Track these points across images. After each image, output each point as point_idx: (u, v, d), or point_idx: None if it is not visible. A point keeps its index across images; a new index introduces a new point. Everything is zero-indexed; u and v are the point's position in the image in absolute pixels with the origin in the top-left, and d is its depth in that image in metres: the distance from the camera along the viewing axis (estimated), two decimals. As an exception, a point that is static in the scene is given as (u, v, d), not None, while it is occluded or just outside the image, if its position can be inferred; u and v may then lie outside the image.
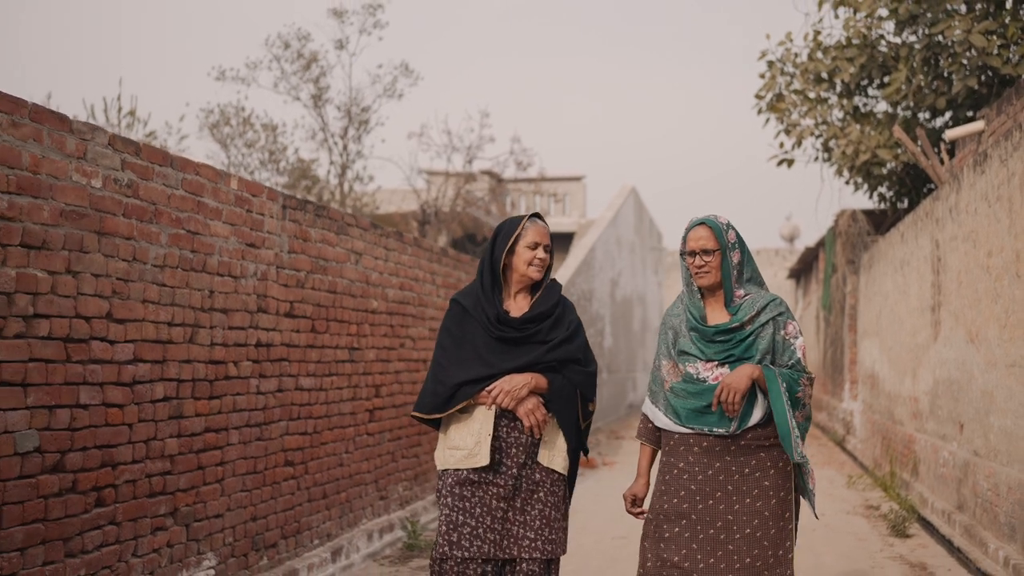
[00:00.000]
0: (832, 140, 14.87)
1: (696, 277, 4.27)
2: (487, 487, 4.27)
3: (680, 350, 4.29)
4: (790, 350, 4.23)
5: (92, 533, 4.69)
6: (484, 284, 4.41)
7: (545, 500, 4.32)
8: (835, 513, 9.73)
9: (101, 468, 4.75)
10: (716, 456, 4.17)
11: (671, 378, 4.30)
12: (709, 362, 4.21)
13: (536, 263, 4.39)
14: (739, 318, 4.22)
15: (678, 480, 4.20)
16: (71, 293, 4.54)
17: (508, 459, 4.29)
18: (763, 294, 4.31)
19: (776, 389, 4.06)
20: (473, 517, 4.25)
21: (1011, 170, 7.16)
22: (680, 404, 4.21)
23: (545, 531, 4.28)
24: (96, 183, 4.70)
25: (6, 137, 4.15)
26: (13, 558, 4.20)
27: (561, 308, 4.46)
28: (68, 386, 4.52)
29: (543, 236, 4.42)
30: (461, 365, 4.33)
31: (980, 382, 7.87)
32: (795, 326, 4.27)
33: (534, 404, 4.27)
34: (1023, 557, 6.55)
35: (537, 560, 4.26)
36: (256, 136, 17.89)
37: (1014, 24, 11.66)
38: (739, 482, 4.17)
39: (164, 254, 5.23)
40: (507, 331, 4.35)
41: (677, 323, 4.36)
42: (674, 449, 4.24)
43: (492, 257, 4.41)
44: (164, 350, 5.23)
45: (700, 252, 4.23)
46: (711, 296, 4.32)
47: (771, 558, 4.13)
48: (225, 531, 5.82)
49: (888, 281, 12.87)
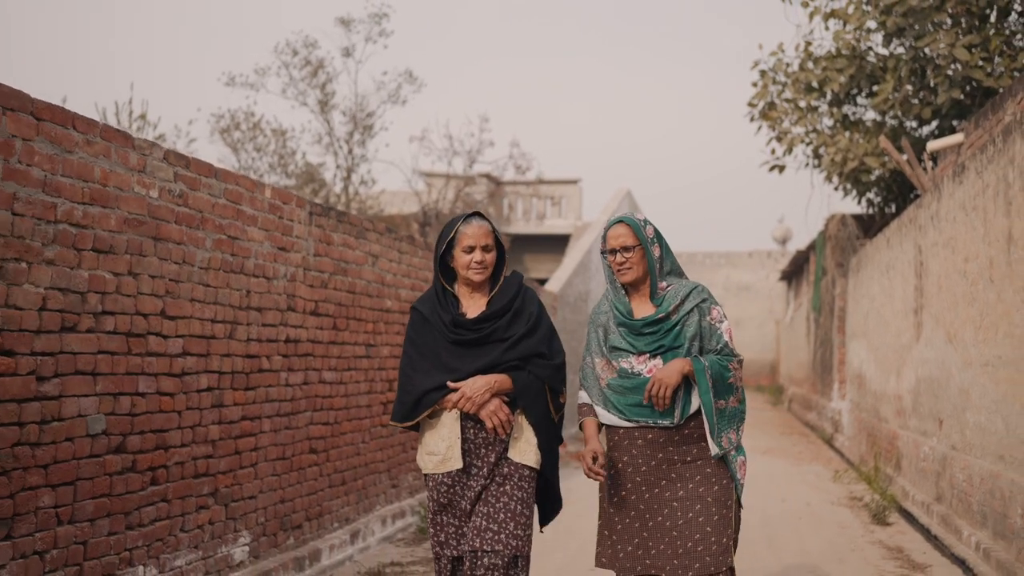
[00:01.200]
0: (822, 147, 15.39)
1: (619, 274, 4.35)
2: (463, 489, 4.31)
3: (611, 346, 4.35)
4: (717, 334, 4.31)
5: (147, 508, 5.20)
6: (436, 288, 4.44)
7: (511, 494, 4.30)
8: (820, 504, 10.27)
9: (155, 450, 5.26)
10: (659, 447, 4.25)
11: (606, 375, 4.35)
12: (641, 355, 4.28)
13: (474, 267, 4.34)
14: (664, 308, 4.30)
15: (623, 473, 4.29)
16: (132, 292, 5.04)
17: (478, 459, 4.32)
18: (685, 283, 4.39)
19: (704, 384, 4.17)
20: (455, 517, 4.34)
21: (986, 182, 7.68)
22: (619, 400, 4.28)
23: (509, 525, 4.25)
24: (153, 193, 5.21)
25: (81, 154, 4.66)
26: (85, 527, 4.71)
27: (520, 301, 4.42)
28: (129, 376, 5.03)
29: (479, 237, 4.33)
30: (425, 373, 4.33)
31: (958, 380, 8.39)
32: (719, 310, 4.36)
33: (496, 405, 4.25)
34: (993, 542, 7.07)
35: (500, 553, 4.22)
36: (266, 141, 18.42)
37: (996, 38, 12.20)
38: (682, 469, 4.24)
39: (208, 257, 5.74)
40: (463, 333, 4.34)
41: (605, 320, 4.42)
42: (618, 444, 4.33)
43: (435, 262, 4.42)
44: (208, 345, 5.74)
45: (620, 249, 4.31)
46: (635, 291, 4.40)
47: (713, 544, 4.15)
48: (258, 511, 6.32)
49: (875, 284, 13.38)
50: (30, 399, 4.36)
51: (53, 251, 4.48)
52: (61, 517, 4.56)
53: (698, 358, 4.21)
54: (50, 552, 4.49)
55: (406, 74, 18.49)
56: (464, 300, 4.44)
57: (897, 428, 11.10)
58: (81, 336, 4.68)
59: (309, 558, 6.77)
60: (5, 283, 4.20)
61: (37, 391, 4.40)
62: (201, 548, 5.68)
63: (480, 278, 4.36)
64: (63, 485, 4.57)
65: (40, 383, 4.42)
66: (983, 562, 7.02)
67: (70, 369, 4.60)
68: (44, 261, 4.43)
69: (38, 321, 4.40)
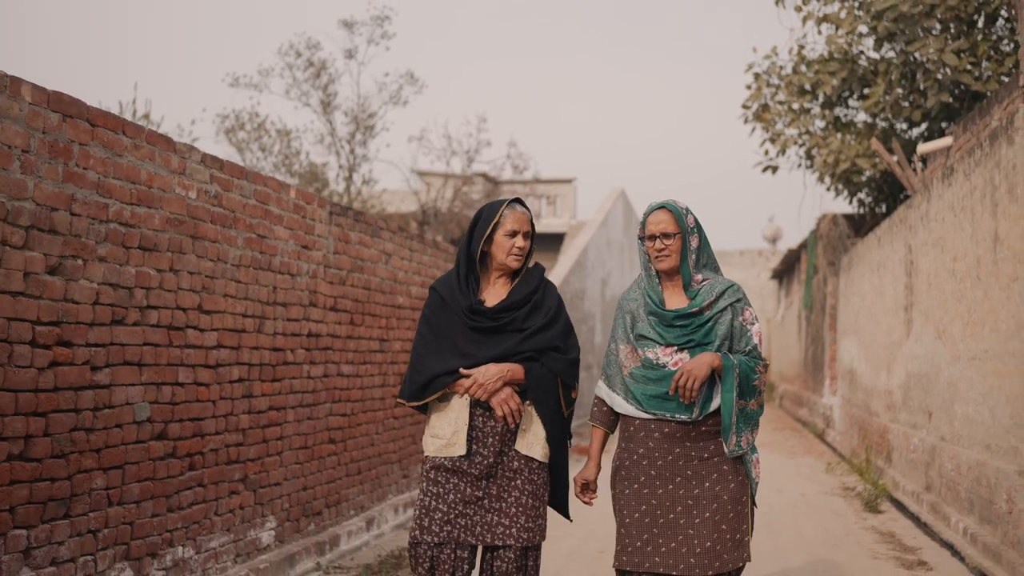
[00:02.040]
0: (814, 149, 15.74)
1: (655, 261, 4.25)
2: (462, 475, 4.27)
3: (638, 334, 4.25)
4: (747, 336, 4.23)
5: (186, 492, 5.51)
6: (460, 273, 4.37)
7: (522, 488, 4.28)
8: (815, 494, 10.63)
9: (193, 437, 5.57)
10: (676, 442, 4.18)
11: (630, 363, 4.26)
12: (668, 347, 4.18)
13: (515, 252, 4.32)
14: (698, 303, 4.20)
15: (638, 466, 4.21)
16: (173, 288, 5.36)
17: (484, 448, 4.28)
18: (721, 280, 4.30)
19: (729, 382, 4.09)
20: (445, 503, 4.26)
21: (973, 184, 8.03)
22: (640, 390, 4.20)
23: (521, 519, 4.24)
24: (192, 194, 5.53)
25: (130, 157, 4.98)
26: (132, 508, 5.03)
27: (541, 294, 4.40)
28: (170, 367, 5.35)
29: (523, 223, 4.35)
30: (437, 355, 4.31)
31: (946, 374, 8.73)
32: (752, 312, 4.28)
33: (507, 394, 4.23)
34: (980, 527, 7.42)
35: (512, 548, 4.24)
36: (271, 141, 18.72)
37: (984, 43, 12.56)
38: (698, 467, 4.17)
39: (240, 255, 6.06)
40: (481, 320, 4.31)
41: (635, 307, 4.32)
42: (634, 435, 4.25)
43: (470, 246, 4.37)
44: (239, 338, 6.06)
45: (660, 236, 4.20)
46: (669, 281, 4.30)
47: (729, 541, 4.12)
48: (283, 498, 6.64)
49: (866, 282, 13.73)
50: (85, 387, 4.67)
51: (105, 249, 4.80)
52: (112, 498, 4.88)
53: (727, 355, 4.12)
54: (102, 531, 4.80)
55: (407, 75, 18.88)
56: (485, 287, 4.42)
57: (888, 422, 11.44)
58: (129, 329, 4.99)
59: (329, 543, 7.08)
60: (64, 279, 4.52)
61: (91, 380, 4.71)
62: (232, 531, 6.00)
63: (518, 264, 4.34)
64: (113, 468, 4.89)
65: (94, 372, 4.73)
66: (970, 546, 7.37)
67: (119, 360, 4.92)
68: (97, 258, 4.74)
69: (92, 314, 4.71)
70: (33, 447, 4.34)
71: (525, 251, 4.36)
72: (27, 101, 4.28)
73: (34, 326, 4.34)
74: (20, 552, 4.27)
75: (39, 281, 4.36)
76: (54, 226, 4.45)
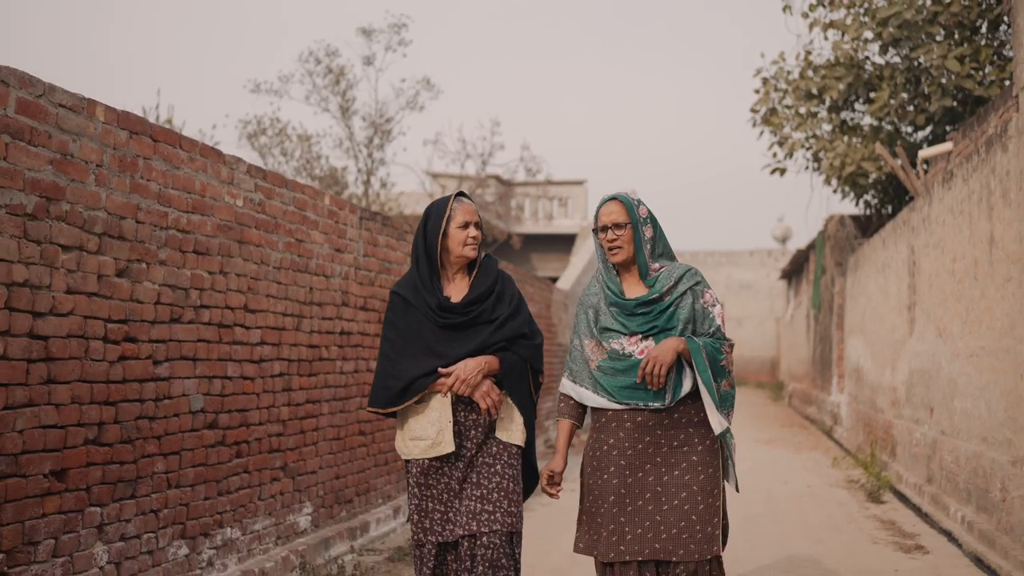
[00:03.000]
0: (821, 152, 16.12)
1: (609, 253, 4.26)
2: (450, 471, 4.30)
3: (602, 327, 4.26)
4: (710, 318, 4.24)
5: (233, 478, 5.95)
6: (421, 272, 4.39)
7: (503, 472, 4.31)
8: (820, 486, 11.05)
9: (239, 427, 6.01)
10: (648, 430, 4.17)
11: (596, 357, 4.25)
12: (633, 336, 4.19)
13: (470, 242, 4.36)
14: (657, 289, 4.21)
15: (608, 456, 4.21)
16: (222, 289, 5.80)
17: (468, 442, 4.31)
18: (678, 265, 4.31)
19: (700, 362, 4.08)
20: (441, 503, 4.30)
21: (971, 188, 8.43)
22: (609, 382, 4.20)
23: (504, 503, 4.26)
24: (239, 202, 5.97)
25: (186, 169, 5.42)
26: (187, 491, 5.47)
27: (501, 284, 4.45)
28: (220, 361, 5.79)
29: (472, 214, 4.40)
30: (412, 358, 4.30)
31: (947, 371, 9.13)
32: (712, 294, 4.28)
33: (488, 386, 4.26)
34: (976, 515, 7.83)
35: (499, 533, 4.24)
36: (292, 146, 19.20)
37: (986, 49, 12.95)
38: (668, 455, 4.17)
39: (280, 258, 6.49)
40: (451, 317, 4.33)
41: (595, 301, 4.33)
42: (605, 426, 4.25)
43: (427, 243, 4.38)
44: (280, 335, 6.50)
45: (612, 227, 4.22)
46: (626, 272, 4.31)
47: (699, 533, 4.11)
48: (318, 485, 7.08)
49: (871, 282, 14.12)
50: (148, 379, 5.12)
51: (165, 253, 5.24)
52: (170, 481, 5.32)
53: (691, 338, 4.13)
54: (162, 511, 5.25)
55: (424, 81, 19.33)
56: (445, 284, 4.44)
57: (892, 417, 11.84)
58: (185, 326, 5.43)
59: (360, 529, 7.52)
60: (130, 280, 4.96)
61: (153, 373, 5.16)
62: (274, 515, 6.43)
63: (474, 254, 4.39)
64: (171, 454, 5.33)
65: (155, 366, 5.17)
66: (967, 533, 7.78)
67: (177, 355, 5.36)
68: (158, 262, 5.18)
69: (154, 313, 5.15)
70: (105, 433, 4.78)
71: (478, 240, 4.40)
72: (100, 120, 4.72)
73: (106, 324, 4.78)
74: (95, 527, 4.71)
75: (110, 283, 4.80)
76: (122, 233, 4.89)
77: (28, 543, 4.29)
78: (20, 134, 4.22)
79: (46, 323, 4.38)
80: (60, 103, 4.46)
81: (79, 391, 4.60)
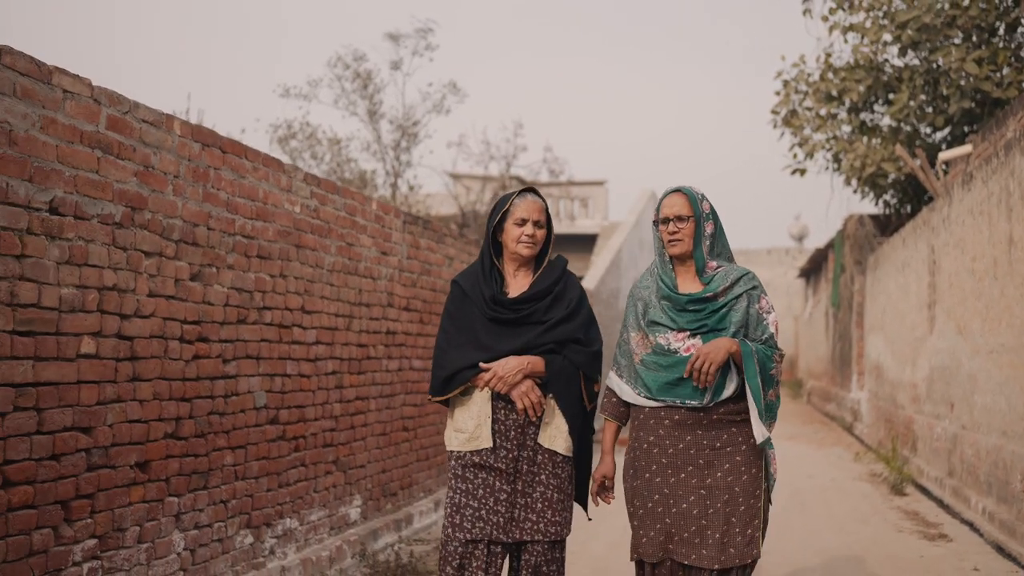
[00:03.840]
0: (841, 153, 16.38)
1: (669, 245, 4.19)
2: (490, 469, 4.25)
3: (650, 320, 4.19)
4: (763, 324, 4.16)
5: (292, 471, 6.28)
6: (483, 264, 4.38)
7: (547, 483, 4.27)
8: (844, 479, 11.35)
9: (297, 423, 6.34)
10: (687, 429, 4.11)
11: (640, 350, 4.20)
12: (680, 332, 4.12)
13: (524, 239, 4.28)
14: (712, 288, 4.14)
15: (648, 454, 4.16)
16: (282, 291, 6.13)
17: (507, 441, 4.25)
18: (736, 267, 4.23)
19: (751, 367, 4.02)
20: (476, 499, 4.24)
21: (990, 190, 8.71)
22: (651, 377, 4.14)
23: (548, 513, 4.24)
24: (296, 209, 6.30)
25: (251, 179, 5.75)
26: (252, 483, 5.80)
27: (562, 285, 4.35)
28: (280, 360, 6.12)
29: (532, 211, 4.30)
30: (459, 349, 4.29)
31: (967, 367, 9.41)
32: (768, 301, 4.20)
33: (528, 386, 4.19)
34: (997, 506, 8.11)
35: (541, 543, 4.25)
36: (323, 150, 19.57)
37: (1004, 51, 13.20)
38: (710, 456, 4.11)
39: (333, 261, 6.82)
40: (502, 312, 4.27)
41: (647, 295, 4.26)
42: (644, 423, 4.19)
43: (487, 236, 4.38)
44: (332, 335, 6.83)
45: (674, 219, 4.16)
46: (682, 266, 4.24)
47: (739, 535, 4.06)
48: (367, 479, 7.40)
49: (891, 281, 14.39)
50: (218, 377, 5.45)
51: (232, 258, 5.57)
52: (238, 474, 5.65)
53: (745, 341, 4.05)
54: (231, 501, 5.58)
55: (450, 85, 19.70)
56: (508, 279, 4.39)
57: (913, 413, 12.11)
58: (249, 327, 5.76)
59: (404, 521, 7.85)
60: (202, 284, 5.29)
61: (222, 371, 5.49)
62: (328, 507, 6.76)
63: (529, 252, 4.30)
64: (238, 448, 5.66)
65: (224, 364, 5.51)
66: (988, 523, 8.07)
67: (243, 354, 5.69)
68: (227, 266, 5.52)
69: (223, 314, 5.49)
70: (182, 427, 5.12)
71: (536, 240, 4.31)
72: (177, 134, 5.06)
73: (182, 325, 5.11)
74: (173, 516, 5.05)
75: (185, 286, 5.13)
76: (196, 239, 5.22)
77: (117, 529, 4.62)
78: (109, 148, 4.55)
79: (131, 324, 4.71)
80: (143, 119, 4.79)
81: (160, 388, 4.93)
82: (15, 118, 3.99)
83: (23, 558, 4.04)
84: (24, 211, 4.03)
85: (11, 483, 3.98)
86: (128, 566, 4.68)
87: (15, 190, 3.98)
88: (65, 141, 4.26)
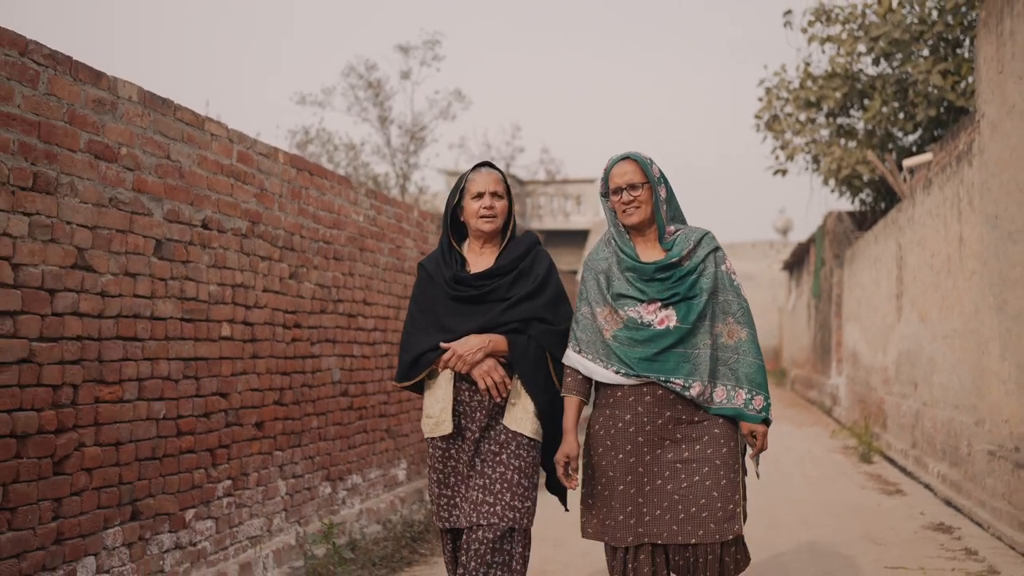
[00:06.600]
0: (820, 155, 17.63)
1: (624, 215, 4.00)
2: (457, 455, 4.12)
3: (616, 293, 3.98)
4: (734, 286, 4.03)
5: (357, 436, 7.56)
6: (442, 244, 4.26)
7: (508, 463, 4.03)
8: (819, 451, 12.71)
9: (360, 396, 7.62)
10: (668, 404, 3.93)
11: (611, 326, 3.97)
12: (651, 303, 3.93)
13: (483, 213, 4.10)
14: (676, 253, 3.97)
15: (623, 433, 3.96)
16: (351, 287, 7.41)
17: (472, 423, 4.10)
18: (694, 228, 4.08)
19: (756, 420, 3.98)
20: (449, 488, 4.14)
21: (945, 195, 10.00)
22: (627, 353, 3.92)
23: (506, 496, 3.98)
24: (360, 219, 7.58)
25: (329, 195, 7.03)
26: (329, 444, 7.08)
27: (529, 261, 4.16)
28: (348, 343, 7.39)
29: (488, 183, 4.13)
30: (423, 332, 4.14)
31: (927, 351, 10.69)
32: (731, 262, 4.07)
33: (490, 365, 4.00)
34: (949, 469, 9.42)
35: (494, 527, 3.95)
36: (340, 156, 20.87)
37: (967, 63, 14.49)
38: (688, 430, 3.93)
39: (386, 261, 8.10)
40: (464, 290, 4.10)
41: (606, 266, 4.06)
42: (620, 401, 3.98)
43: (445, 215, 4.23)
44: (386, 323, 8.11)
45: (627, 187, 3.96)
46: (639, 235, 4.06)
47: (719, 511, 3.87)
48: (410, 446, 8.68)
49: (865, 274, 15.64)
50: (307, 356, 6.72)
51: (317, 260, 6.84)
52: (320, 435, 6.93)
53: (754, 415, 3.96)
54: (316, 457, 6.85)
55: (455, 92, 20.98)
56: (472, 258, 4.23)
57: (884, 395, 13.40)
58: (328, 316, 7.04)
59: (440, 483, 9.11)
60: (297, 281, 6.56)
61: (310, 352, 6.76)
62: (382, 468, 8.04)
63: (490, 227, 4.13)
64: (320, 414, 6.94)
65: (311, 346, 6.78)
66: (940, 483, 9.39)
67: (323, 338, 6.97)
68: (313, 267, 6.79)
69: (310, 306, 6.76)
70: (284, 396, 6.39)
71: (496, 212, 4.13)
72: (281, 162, 6.33)
73: (284, 314, 6.38)
74: (278, 467, 6.32)
75: (286, 283, 6.41)
76: (292, 245, 6.49)
77: (243, 474, 5.90)
78: (239, 176, 5.82)
79: (252, 314, 5.98)
80: (259, 152, 6.06)
81: (270, 364, 6.20)
82: (182, 157, 5.26)
83: (188, 490, 5.31)
84: (187, 227, 5.30)
85: (182, 432, 5.26)
86: (251, 503, 5.95)
87: (182, 212, 5.25)
88: (212, 172, 5.53)
